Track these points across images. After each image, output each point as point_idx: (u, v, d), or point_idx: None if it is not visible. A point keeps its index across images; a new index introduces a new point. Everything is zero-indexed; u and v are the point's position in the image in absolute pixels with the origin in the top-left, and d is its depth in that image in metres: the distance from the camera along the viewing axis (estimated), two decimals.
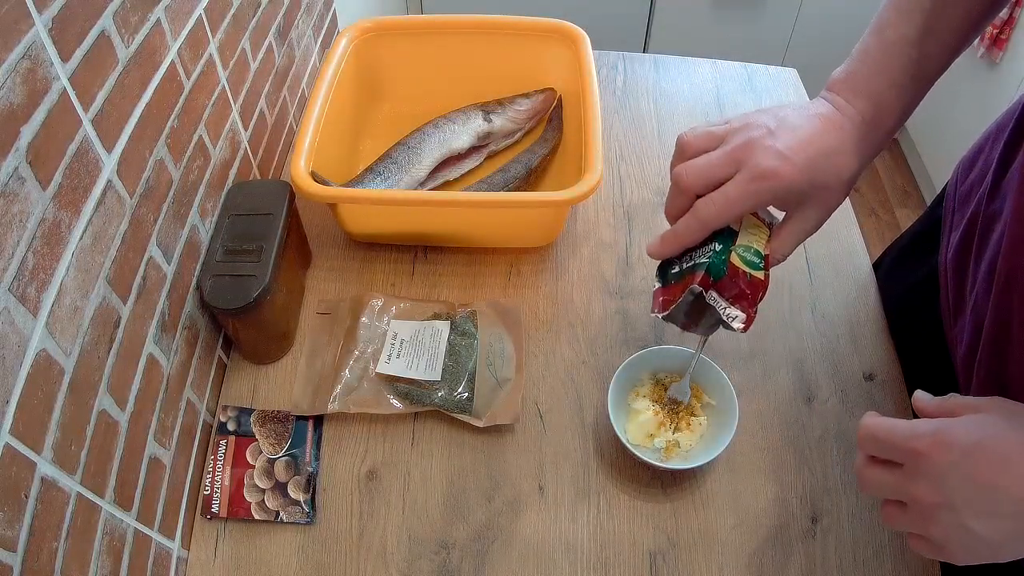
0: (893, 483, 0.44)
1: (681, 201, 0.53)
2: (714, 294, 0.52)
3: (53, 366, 0.46)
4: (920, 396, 0.48)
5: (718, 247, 0.53)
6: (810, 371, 0.74)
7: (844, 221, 0.87)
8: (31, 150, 0.43)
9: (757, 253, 0.53)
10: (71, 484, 0.47)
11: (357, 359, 0.72)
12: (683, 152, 0.54)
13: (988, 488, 0.40)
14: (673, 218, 0.55)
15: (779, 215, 0.56)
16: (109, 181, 0.52)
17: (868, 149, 0.53)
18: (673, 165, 0.54)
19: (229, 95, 0.73)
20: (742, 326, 0.51)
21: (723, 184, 0.51)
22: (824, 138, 0.51)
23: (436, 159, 0.86)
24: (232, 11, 0.72)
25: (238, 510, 0.65)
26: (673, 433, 0.65)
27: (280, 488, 0.66)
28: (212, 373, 0.71)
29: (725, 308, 0.52)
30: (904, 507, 0.44)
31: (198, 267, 0.67)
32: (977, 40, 1.93)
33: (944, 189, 0.74)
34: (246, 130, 0.79)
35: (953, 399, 0.46)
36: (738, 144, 0.51)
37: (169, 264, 0.62)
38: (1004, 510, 0.40)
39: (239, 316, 0.66)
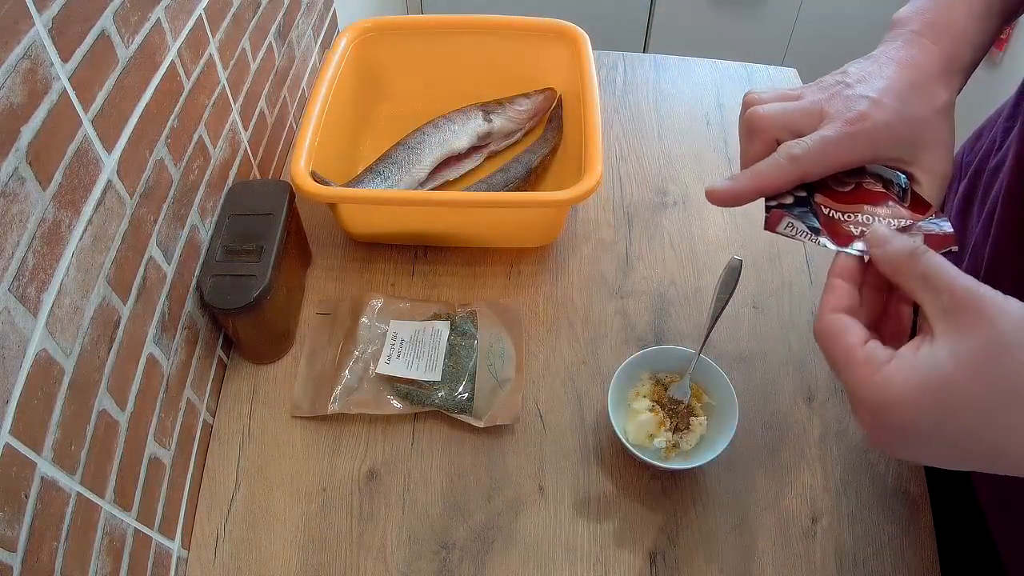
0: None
1: (757, 147, 0.48)
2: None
3: (53, 366, 0.46)
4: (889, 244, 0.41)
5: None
6: (810, 371, 0.74)
7: None
8: (31, 150, 0.43)
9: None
10: (71, 484, 0.47)
11: (357, 359, 0.72)
12: (752, 102, 0.50)
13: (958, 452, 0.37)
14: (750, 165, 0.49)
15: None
16: (109, 181, 0.52)
17: (952, 83, 0.49)
18: (741, 118, 0.50)
19: (229, 95, 0.73)
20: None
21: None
22: (906, 74, 0.48)
23: (436, 159, 0.86)
24: (232, 11, 0.72)
25: None
26: (673, 433, 0.65)
27: None
28: (212, 373, 0.71)
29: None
30: None
31: (198, 267, 0.67)
32: None
33: None
34: (246, 130, 0.79)
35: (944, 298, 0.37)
36: (818, 97, 0.48)
37: (169, 264, 0.62)
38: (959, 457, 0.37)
39: (239, 316, 0.66)
